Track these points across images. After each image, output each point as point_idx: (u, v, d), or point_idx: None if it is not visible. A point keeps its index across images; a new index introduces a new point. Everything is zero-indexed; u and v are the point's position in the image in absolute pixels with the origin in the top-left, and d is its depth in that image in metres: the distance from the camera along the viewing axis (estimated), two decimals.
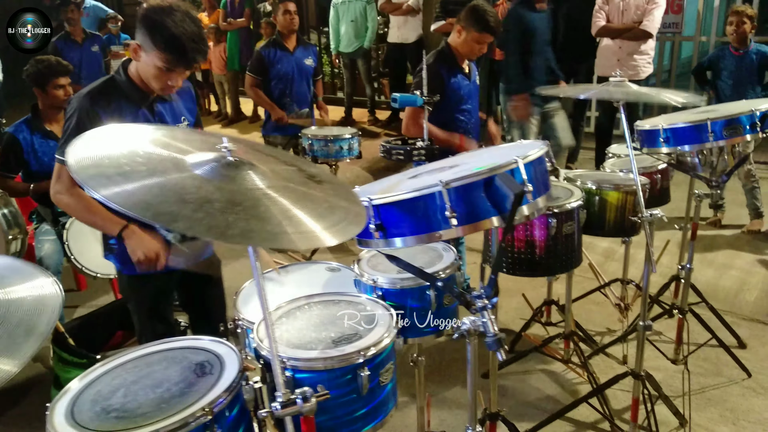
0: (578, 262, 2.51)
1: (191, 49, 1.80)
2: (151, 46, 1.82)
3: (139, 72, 1.94)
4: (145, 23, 1.81)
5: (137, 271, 2.03)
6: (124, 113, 1.94)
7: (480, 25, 2.89)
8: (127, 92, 1.97)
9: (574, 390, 2.82)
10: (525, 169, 1.22)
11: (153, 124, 2.00)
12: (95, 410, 1.31)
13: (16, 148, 3.29)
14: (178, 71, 1.87)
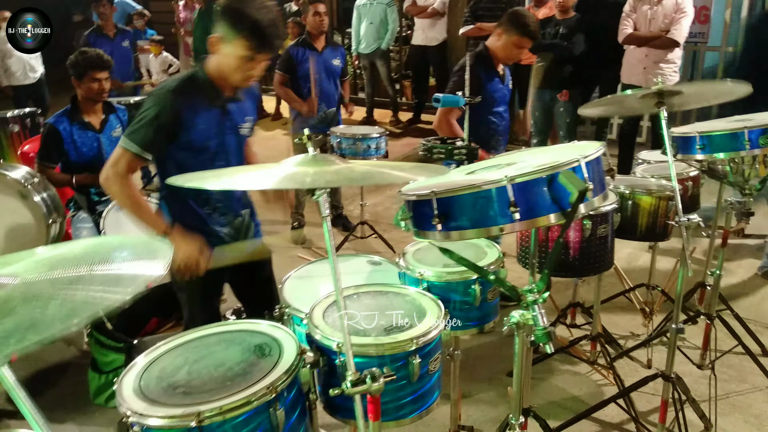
0: (610, 265, 2.56)
1: (272, 33, 1.85)
2: (234, 34, 1.85)
3: (220, 65, 1.96)
4: (227, 13, 1.86)
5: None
6: (200, 111, 1.98)
7: (521, 29, 2.95)
8: (205, 89, 2.00)
9: (599, 391, 2.86)
10: (586, 167, 1.26)
11: (224, 123, 2.05)
12: (162, 386, 1.37)
13: (56, 139, 3.37)
14: (259, 58, 1.90)
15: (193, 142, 2.00)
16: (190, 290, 2.21)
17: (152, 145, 1.96)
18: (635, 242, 4.34)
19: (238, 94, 2.09)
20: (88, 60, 3.36)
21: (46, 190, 2.92)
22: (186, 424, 1.24)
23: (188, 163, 2.00)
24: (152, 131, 1.93)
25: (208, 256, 1.99)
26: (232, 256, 2.10)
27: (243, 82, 1.99)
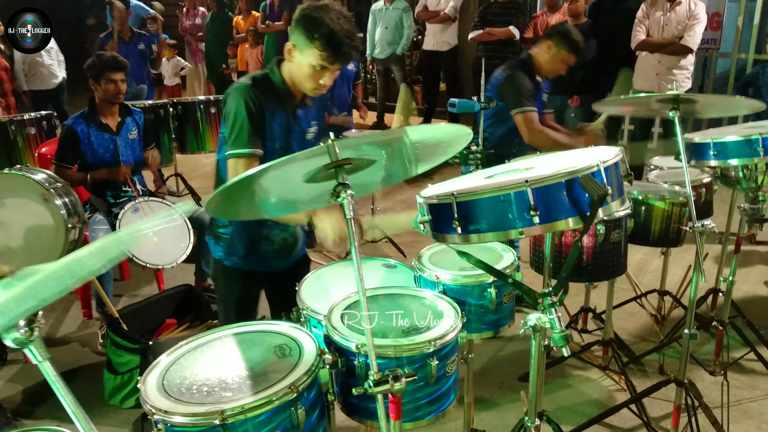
0: (623, 270, 2.56)
1: (347, 44, 1.82)
2: (308, 43, 1.83)
3: (292, 73, 1.95)
4: (303, 22, 1.83)
5: (237, 264, 2.15)
6: (273, 110, 1.97)
7: (571, 46, 3.05)
8: (280, 92, 1.99)
9: (611, 396, 2.86)
10: (605, 172, 1.28)
11: (293, 128, 2.05)
12: (185, 384, 1.40)
13: (73, 140, 3.42)
14: (331, 69, 1.88)
15: (264, 140, 1.99)
16: (226, 289, 2.24)
17: (256, 138, 1.93)
18: (647, 248, 4.36)
19: (307, 99, 2.07)
20: (104, 62, 3.41)
21: (67, 195, 2.94)
22: (210, 422, 1.26)
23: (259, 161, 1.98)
24: (249, 126, 1.91)
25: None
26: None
27: (313, 91, 1.96)
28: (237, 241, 2.14)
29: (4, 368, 3.26)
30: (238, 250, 2.17)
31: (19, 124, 4.38)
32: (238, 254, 2.17)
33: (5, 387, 3.09)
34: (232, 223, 2.11)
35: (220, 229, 2.17)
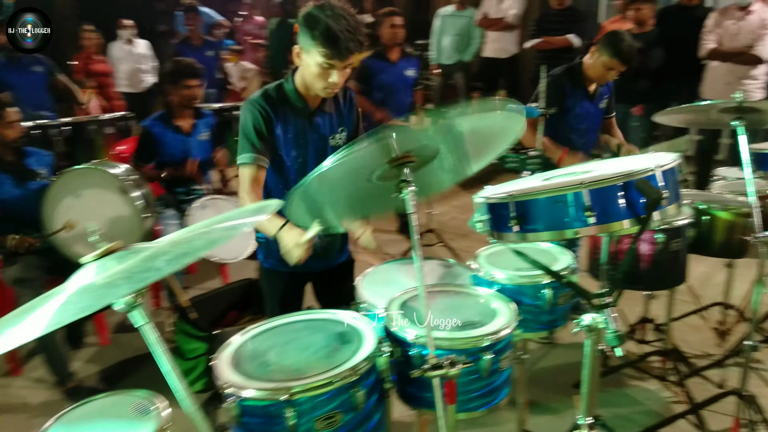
0: (682, 280, 2.54)
1: (345, 38, 1.83)
2: (311, 42, 1.87)
3: (303, 76, 1.99)
4: (304, 22, 1.89)
5: (275, 266, 2.23)
6: (286, 119, 2.04)
7: (612, 50, 2.93)
8: (292, 100, 2.05)
9: (668, 408, 2.82)
10: (662, 176, 1.31)
11: (309, 134, 2.09)
12: (255, 363, 1.51)
13: (150, 141, 3.65)
14: (338, 66, 1.89)
15: (278, 149, 2.06)
16: (271, 289, 2.34)
17: (261, 148, 2.01)
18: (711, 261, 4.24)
19: (325, 106, 2.11)
20: (181, 68, 3.62)
21: (142, 188, 3.15)
22: (277, 397, 1.37)
23: (277, 171, 2.09)
24: (255, 137, 2.00)
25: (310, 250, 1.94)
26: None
27: (325, 91, 1.98)
28: (272, 245, 2.09)
29: (82, 351, 3.51)
30: (274, 254, 2.13)
31: (99, 124, 4.70)
32: (275, 257, 2.16)
33: (83, 367, 3.32)
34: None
35: (257, 234, 2.25)
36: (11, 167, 3.04)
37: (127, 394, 1.59)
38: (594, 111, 3.21)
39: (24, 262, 3.06)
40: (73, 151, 4.49)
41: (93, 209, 3.07)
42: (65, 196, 3.04)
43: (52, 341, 2.99)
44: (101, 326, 3.59)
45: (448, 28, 7.33)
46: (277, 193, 2.14)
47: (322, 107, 2.10)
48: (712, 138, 5.24)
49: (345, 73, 1.95)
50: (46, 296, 1.04)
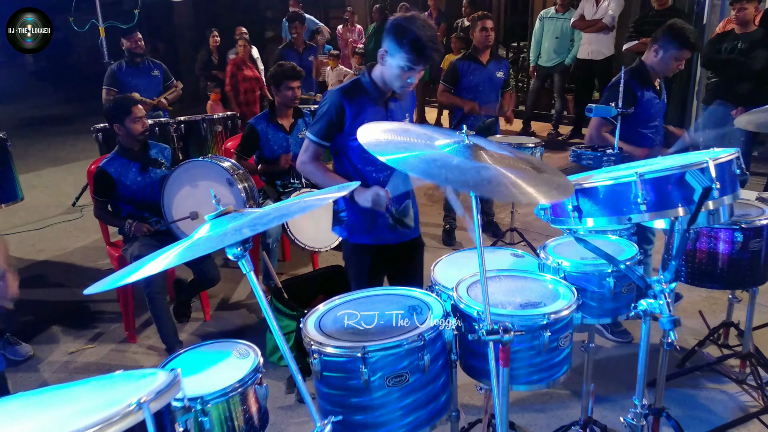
0: (763, 281, 2.52)
1: (430, 48, 2.16)
2: (397, 48, 2.20)
3: (383, 74, 2.32)
4: (393, 30, 2.20)
5: (359, 240, 2.49)
6: (364, 107, 2.37)
7: (680, 42, 2.99)
8: (368, 91, 2.38)
9: (746, 412, 2.78)
10: (714, 168, 1.40)
11: (386, 119, 2.41)
12: (336, 326, 1.73)
13: (254, 136, 4.00)
14: (417, 69, 2.24)
15: (354, 134, 2.36)
16: (356, 264, 2.60)
17: (326, 134, 2.39)
18: None
19: (397, 95, 2.44)
20: (284, 71, 3.95)
21: (247, 181, 3.48)
22: (354, 354, 1.57)
23: (355, 151, 2.40)
24: (325, 123, 2.37)
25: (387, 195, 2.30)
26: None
27: (401, 89, 2.33)
28: (356, 219, 2.49)
29: (188, 324, 3.91)
30: (359, 227, 2.51)
31: (210, 122, 5.16)
32: (360, 230, 2.52)
33: (189, 338, 3.71)
34: (348, 206, 2.47)
35: (340, 213, 2.54)
36: (138, 157, 3.48)
37: (230, 342, 1.87)
38: (662, 106, 3.24)
39: (143, 242, 3.48)
40: (186, 146, 4.99)
41: (205, 198, 3.44)
42: (183, 185, 3.43)
43: (165, 313, 3.38)
44: (206, 304, 3.99)
45: (548, 31, 7.33)
46: (355, 169, 2.45)
47: (393, 96, 2.44)
48: None
49: (419, 75, 2.29)
50: (174, 245, 1.31)
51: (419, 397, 1.65)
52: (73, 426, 0.84)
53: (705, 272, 2.49)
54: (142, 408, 0.91)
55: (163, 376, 1.06)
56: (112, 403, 0.93)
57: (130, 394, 0.99)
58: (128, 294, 3.67)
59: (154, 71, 5.56)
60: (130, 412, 0.90)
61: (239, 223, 1.31)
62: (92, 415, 0.88)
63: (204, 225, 1.36)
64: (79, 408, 1.00)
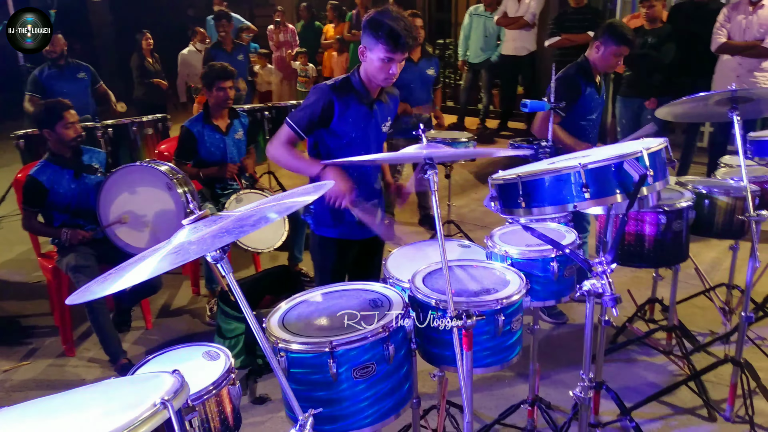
0: (684, 258, 2.75)
1: (405, 35, 2.24)
2: (374, 42, 2.27)
3: (366, 70, 2.38)
4: (368, 24, 2.28)
5: (327, 233, 2.54)
6: (350, 105, 2.40)
7: (618, 38, 3.21)
8: (357, 90, 2.42)
9: (674, 380, 3.02)
10: (648, 157, 1.54)
11: (369, 118, 2.46)
12: (300, 324, 1.77)
13: (190, 140, 3.94)
14: (396, 59, 2.29)
15: (341, 131, 2.42)
16: (322, 257, 2.65)
17: (305, 126, 2.40)
18: (720, 247, 4.43)
19: (383, 96, 2.50)
20: (215, 72, 3.91)
21: (187, 185, 3.41)
22: (321, 349, 1.62)
23: (334, 148, 2.44)
24: (307, 115, 2.39)
25: (353, 190, 2.35)
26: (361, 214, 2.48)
27: (385, 81, 2.38)
28: (322, 212, 2.53)
29: (129, 333, 3.81)
30: (326, 220, 2.56)
31: (139, 125, 5.01)
32: (326, 223, 2.57)
33: (131, 348, 3.62)
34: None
35: (309, 204, 2.55)
36: (70, 163, 3.35)
37: (197, 346, 1.87)
38: (601, 101, 3.45)
39: (79, 251, 3.36)
40: (115, 151, 4.82)
41: (144, 204, 3.36)
42: (121, 191, 3.34)
43: (107, 323, 3.28)
44: (147, 312, 3.89)
45: (477, 28, 7.55)
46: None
47: (380, 97, 2.49)
48: (724, 130, 5.39)
49: (401, 66, 2.36)
50: (152, 251, 1.31)
51: (384, 386, 1.72)
52: (105, 427, 0.86)
53: (634, 253, 2.69)
54: (167, 406, 0.94)
55: (169, 377, 1.08)
56: (134, 405, 0.96)
57: (146, 395, 1.02)
58: (64, 306, 3.54)
59: (80, 74, 5.33)
60: (156, 411, 0.94)
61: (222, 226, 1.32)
62: (118, 416, 0.90)
63: (182, 230, 1.36)
64: (101, 411, 1.02)
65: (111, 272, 1.25)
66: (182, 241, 1.27)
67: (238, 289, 1.32)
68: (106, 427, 0.86)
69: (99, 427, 0.87)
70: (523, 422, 2.68)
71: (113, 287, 1.14)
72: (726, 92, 2.30)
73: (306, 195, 1.42)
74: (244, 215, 1.35)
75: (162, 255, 1.23)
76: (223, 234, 1.24)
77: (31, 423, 1.03)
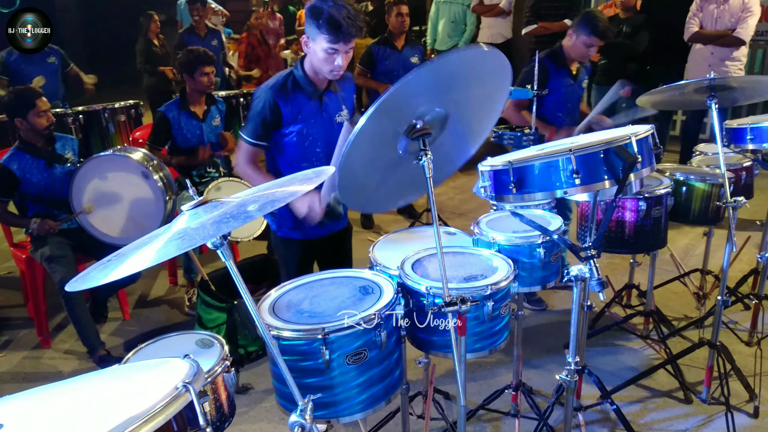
0: (663, 244, 2.80)
1: (347, 24, 2.11)
2: (316, 32, 2.16)
3: (311, 62, 2.28)
4: (309, 14, 2.17)
5: (288, 234, 2.49)
6: (298, 103, 2.33)
7: (590, 28, 3.23)
8: (302, 85, 2.33)
9: (651, 363, 3.10)
10: (636, 143, 1.56)
11: (320, 113, 2.39)
12: (291, 311, 1.75)
13: (166, 125, 3.85)
14: (340, 50, 2.17)
15: (291, 130, 2.35)
16: (285, 256, 2.60)
17: (262, 134, 2.34)
18: (693, 233, 4.54)
19: (333, 86, 2.40)
20: (198, 57, 3.82)
21: (162, 171, 3.35)
22: (314, 336, 1.61)
23: (291, 147, 2.37)
24: (259, 122, 2.32)
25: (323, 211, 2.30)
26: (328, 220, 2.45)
27: (331, 74, 2.27)
28: (284, 214, 2.46)
29: (106, 324, 3.74)
30: (287, 221, 2.50)
31: (111, 112, 4.89)
32: (288, 225, 2.51)
33: (108, 339, 3.56)
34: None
35: None
36: (42, 152, 3.26)
37: (189, 334, 1.84)
38: (578, 89, 3.47)
39: (54, 241, 3.28)
40: (86, 138, 4.70)
41: (118, 191, 3.28)
42: (92, 179, 3.25)
43: (84, 314, 3.22)
44: (124, 302, 3.83)
45: (443, 15, 7.54)
46: (289, 165, 2.43)
47: (329, 88, 2.39)
48: (696, 119, 5.50)
49: (348, 57, 2.24)
50: (151, 236, 1.28)
51: (376, 372, 1.72)
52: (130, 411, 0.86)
53: (614, 239, 2.73)
54: (189, 389, 0.94)
55: (182, 362, 1.07)
56: (154, 388, 0.96)
57: (164, 379, 1.02)
58: (39, 297, 3.46)
59: (50, 57, 5.17)
60: (179, 394, 0.94)
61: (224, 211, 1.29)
62: (140, 400, 0.91)
63: (181, 216, 1.34)
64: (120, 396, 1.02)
65: (112, 258, 1.22)
66: (185, 227, 1.25)
67: (237, 274, 1.28)
68: (131, 410, 0.85)
69: (123, 411, 0.85)
70: (507, 407, 2.73)
71: (114, 274, 1.11)
72: (704, 80, 2.33)
73: (306, 182, 1.40)
74: (248, 200, 1.33)
75: (164, 241, 1.20)
76: (228, 219, 1.22)
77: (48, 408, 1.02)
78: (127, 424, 0.82)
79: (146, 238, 1.29)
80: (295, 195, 1.34)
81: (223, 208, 1.30)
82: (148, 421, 0.83)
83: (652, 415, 2.75)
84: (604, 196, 2.12)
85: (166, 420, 0.85)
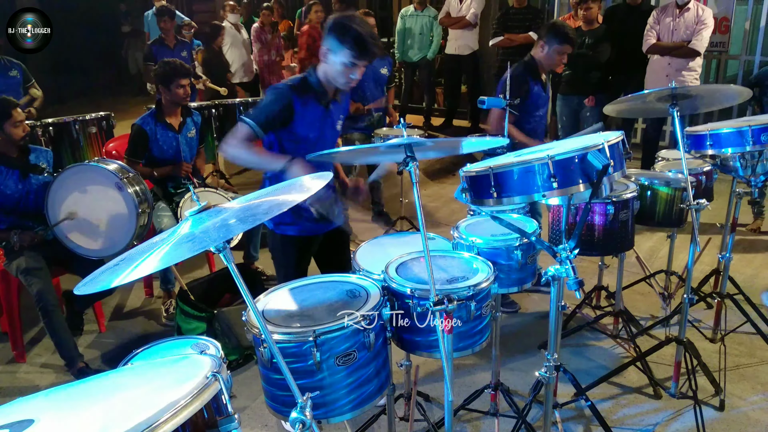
0: (630, 245, 2.94)
1: (371, 44, 2.27)
2: (339, 46, 2.28)
3: (326, 72, 2.39)
4: (335, 28, 2.29)
5: (286, 231, 2.55)
6: (308, 106, 2.42)
7: (561, 37, 3.39)
8: (316, 90, 2.43)
9: (622, 361, 3.22)
10: (608, 149, 1.66)
11: (325, 118, 2.49)
12: (281, 315, 1.80)
13: (142, 138, 3.85)
14: (360, 65, 2.32)
15: (299, 131, 2.44)
16: (283, 255, 2.65)
17: (264, 124, 2.38)
18: (657, 236, 4.72)
19: (337, 95, 2.53)
20: (174, 69, 3.83)
21: (138, 184, 3.32)
22: (305, 338, 1.66)
23: (291, 147, 2.45)
24: (265, 114, 2.38)
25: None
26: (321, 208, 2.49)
27: (345, 85, 2.41)
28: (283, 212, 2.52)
29: (82, 337, 3.70)
30: (285, 218, 2.56)
31: (82, 123, 4.85)
32: (286, 221, 2.58)
33: (85, 352, 3.52)
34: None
35: None
36: (16, 163, 3.23)
37: (183, 339, 1.87)
38: (547, 98, 3.64)
39: (29, 254, 3.24)
40: (57, 151, 4.64)
41: (95, 204, 3.26)
42: (68, 189, 3.23)
43: (62, 326, 3.18)
44: (99, 314, 3.79)
45: (410, 28, 7.69)
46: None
47: (335, 97, 2.52)
48: (656, 126, 5.73)
49: (361, 71, 2.38)
50: (152, 242, 1.32)
51: (364, 373, 1.78)
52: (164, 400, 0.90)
53: (585, 242, 2.85)
54: (217, 378, 0.98)
55: (200, 356, 1.11)
56: (183, 380, 1.00)
57: (190, 371, 1.05)
58: (14, 311, 3.41)
59: (11, 71, 5.09)
60: (209, 383, 0.98)
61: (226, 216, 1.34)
62: (170, 391, 0.94)
63: (185, 221, 1.38)
64: (147, 389, 1.05)
65: (120, 261, 1.26)
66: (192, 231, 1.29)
67: (240, 278, 1.33)
68: (165, 399, 0.88)
69: (157, 401, 0.89)
70: (485, 406, 2.80)
71: (122, 277, 1.15)
72: (666, 89, 2.47)
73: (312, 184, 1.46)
74: (255, 204, 1.38)
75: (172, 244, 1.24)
76: (237, 222, 1.27)
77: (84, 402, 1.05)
78: (164, 411, 0.85)
79: (155, 240, 1.32)
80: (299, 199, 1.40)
81: (225, 213, 1.35)
82: (184, 408, 0.87)
83: (624, 410, 2.86)
84: (580, 199, 2.23)
85: (200, 407, 0.90)
